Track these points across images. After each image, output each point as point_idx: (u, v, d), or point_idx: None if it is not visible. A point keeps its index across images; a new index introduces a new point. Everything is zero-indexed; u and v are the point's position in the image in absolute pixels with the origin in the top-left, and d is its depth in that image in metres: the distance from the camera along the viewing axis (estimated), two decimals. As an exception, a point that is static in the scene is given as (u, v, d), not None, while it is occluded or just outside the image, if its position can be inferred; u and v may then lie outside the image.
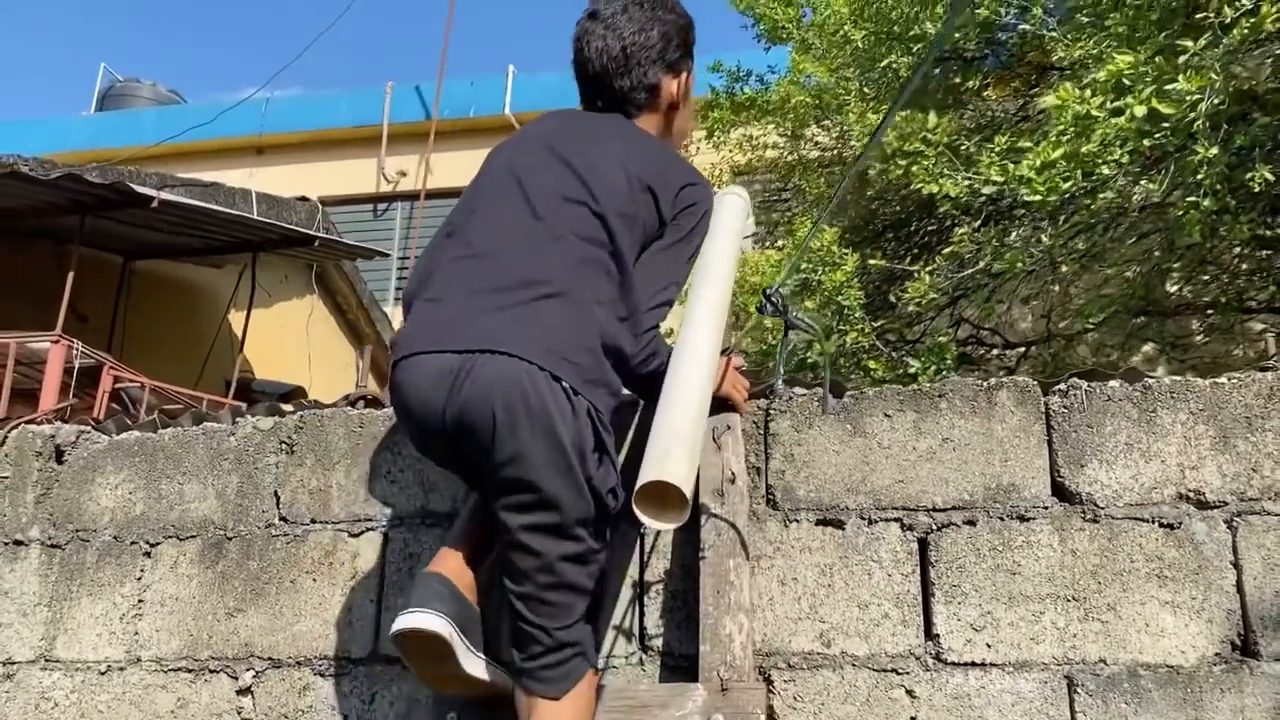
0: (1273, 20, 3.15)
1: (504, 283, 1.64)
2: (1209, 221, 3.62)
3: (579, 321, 1.64)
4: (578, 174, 1.76)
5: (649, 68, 1.89)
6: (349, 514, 2.29)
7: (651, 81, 1.90)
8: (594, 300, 1.66)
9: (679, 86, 1.95)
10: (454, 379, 1.58)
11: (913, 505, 2.01)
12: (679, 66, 1.95)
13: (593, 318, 1.65)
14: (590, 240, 1.70)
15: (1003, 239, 4.66)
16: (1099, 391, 1.99)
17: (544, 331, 1.60)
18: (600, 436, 1.62)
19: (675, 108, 1.97)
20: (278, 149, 11.94)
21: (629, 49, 1.87)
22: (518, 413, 1.55)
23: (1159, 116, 3.39)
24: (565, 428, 1.57)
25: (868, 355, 5.22)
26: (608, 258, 1.71)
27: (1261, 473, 1.88)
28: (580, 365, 1.61)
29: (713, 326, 1.95)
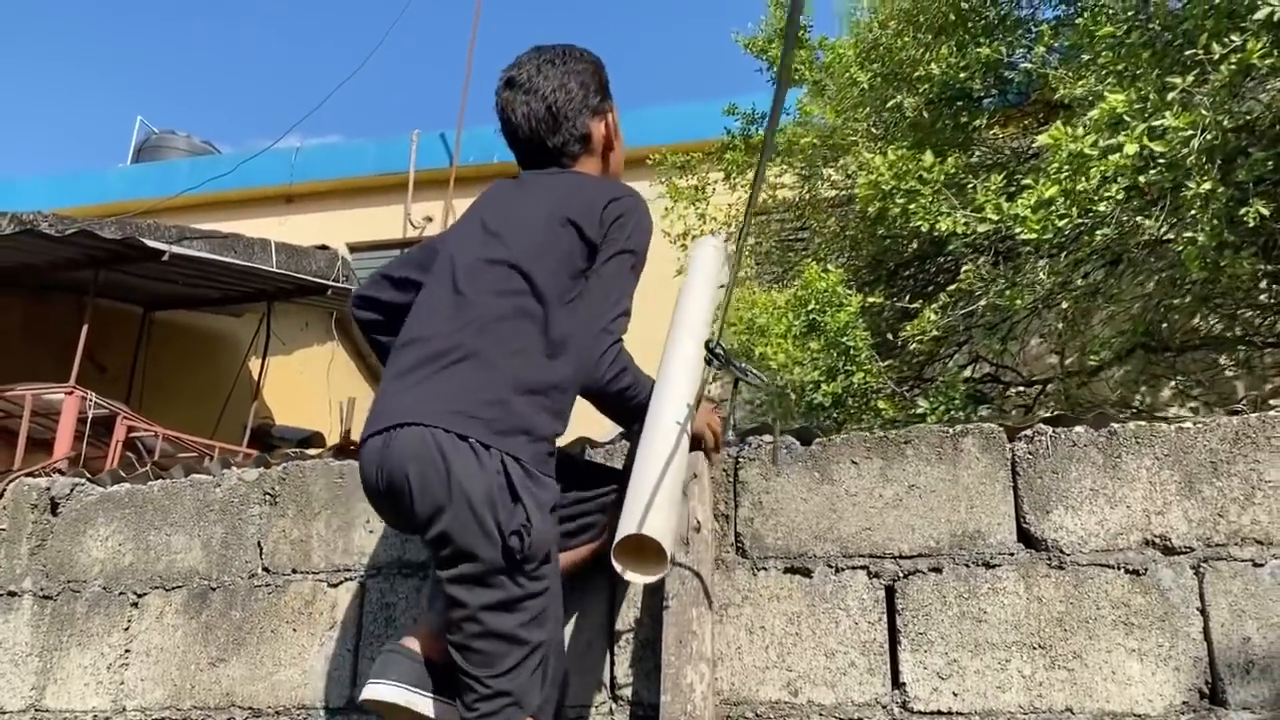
0: (1259, 55, 3.14)
1: (421, 360, 1.73)
2: (1209, 257, 3.58)
3: (487, 377, 1.69)
4: (496, 235, 1.84)
5: (576, 119, 1.96)
6: (329, 564, 2.32)
7: (582, 131, 1.97)
8: (507, 352, 1.71)
9: (607, 126, 2.02)
10: (379, 455, 1.68)
11: (879, 553, 2.01)
12: (602, 109, 2.01)
13: (503, 370, 1.70)
14: (506, 293, 1.76)
15: (1013, 277, 4.64)
16: (1064, 437, 1.99)
17: (450, 395, 1.67)
18: (513, 483, 1.64)
19: (610, 148, 2.04)
20: (306, 197, 12.13)
21: (554, 107, 1.94)
22: (427, 474, 1.62)
23: (1151, 154, 3.38)
24: (473, 482, 1.61)
25: (877, 395, 5.19)
26: (529, 301, 1.76)
27: (1228, 518, 1.86)
28: (487, 419, 1.65)
29: (689, 377, 1.98)
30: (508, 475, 1.64)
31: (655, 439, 1.85)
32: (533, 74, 1.96)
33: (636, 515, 1.70)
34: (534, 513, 1.64)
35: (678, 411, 1.90)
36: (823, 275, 4.89)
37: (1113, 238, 3.75)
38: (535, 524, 1.62)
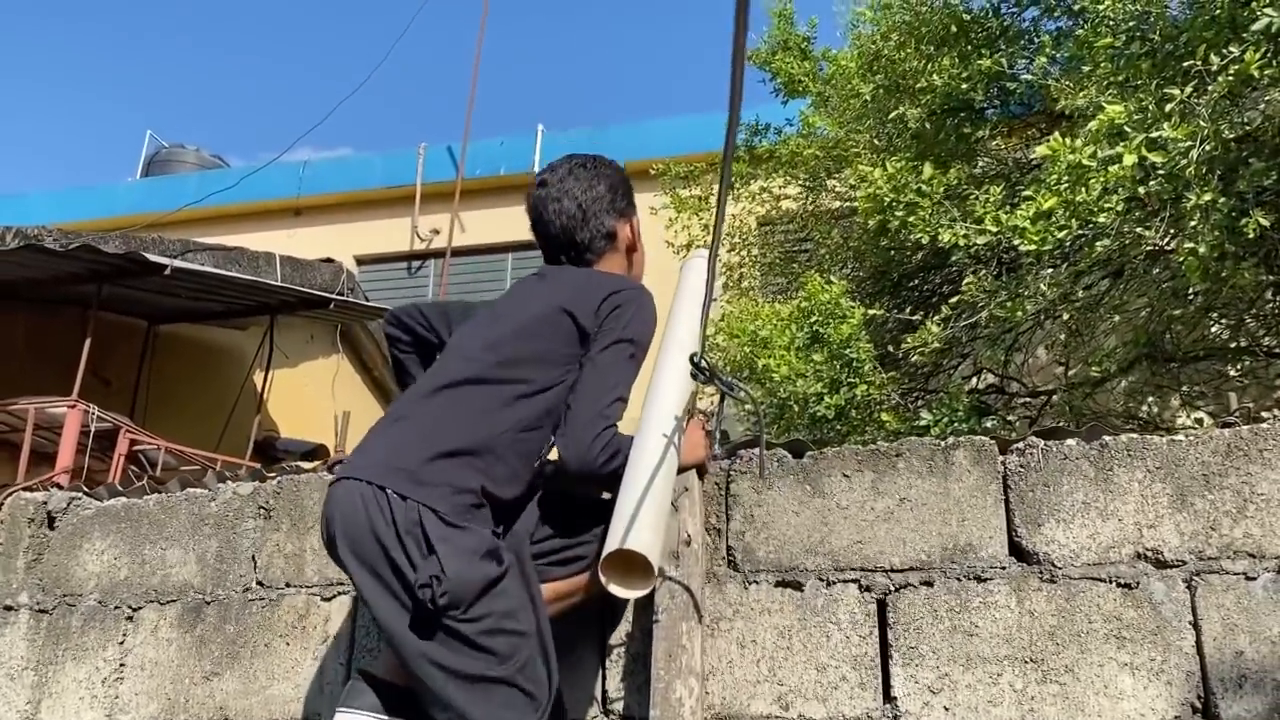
0: (1258, 66, 3.13)
1: (378, 428, 1.85)
2: (1211, 268, 3.57)
3: (417, 434, 1.77)
4: (498, 318, 1.96)
5: (604, 217, 2.09)
6: (322, 578, 2.32)
7: (609, 229, 2.10)
8: (453, 415, 1.79)
9: (631, 228, 2.16)
10: (326, 506, 1.78)
11: (871, 566, 2.00)
12: (627, 212, 2.16)
13: (440, 429, 1.77)
14: (480, 363, 1.86)
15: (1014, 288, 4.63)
16: (1055, 450, 1.98)
17: (383, 450, 1.76)
18: (427, 533, 1.66)
19: (633, 249, 2.16)
20: (315, 210, 12.20)
21: (583, 204, 2.08)
22: (349, 522, 1.71)
23: (1151, 165, 3.37)
24: (385, 530, 1.67)
25: (880, 407, 5.18)
26: (504, 372, 1.85)
27: (1220, 531, 1.85)
28: (410, 470, 1.71)
29: (678, 391, 1.98)
30: (422, 525, 1.66)
31: (643, 453, 1.85)
32: (564, 176, 2.11)
33: (622, 530, 1.70)
34: (449, 560, 1.63)
35: (665, 425, 1.90)
36: (826, 287, 4.89)
37: (1113, 249, 3.74)
38: (450, 572, 1.62)
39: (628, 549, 1.67)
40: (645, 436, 1.89)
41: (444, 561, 1.63)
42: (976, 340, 5.46)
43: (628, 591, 1.71)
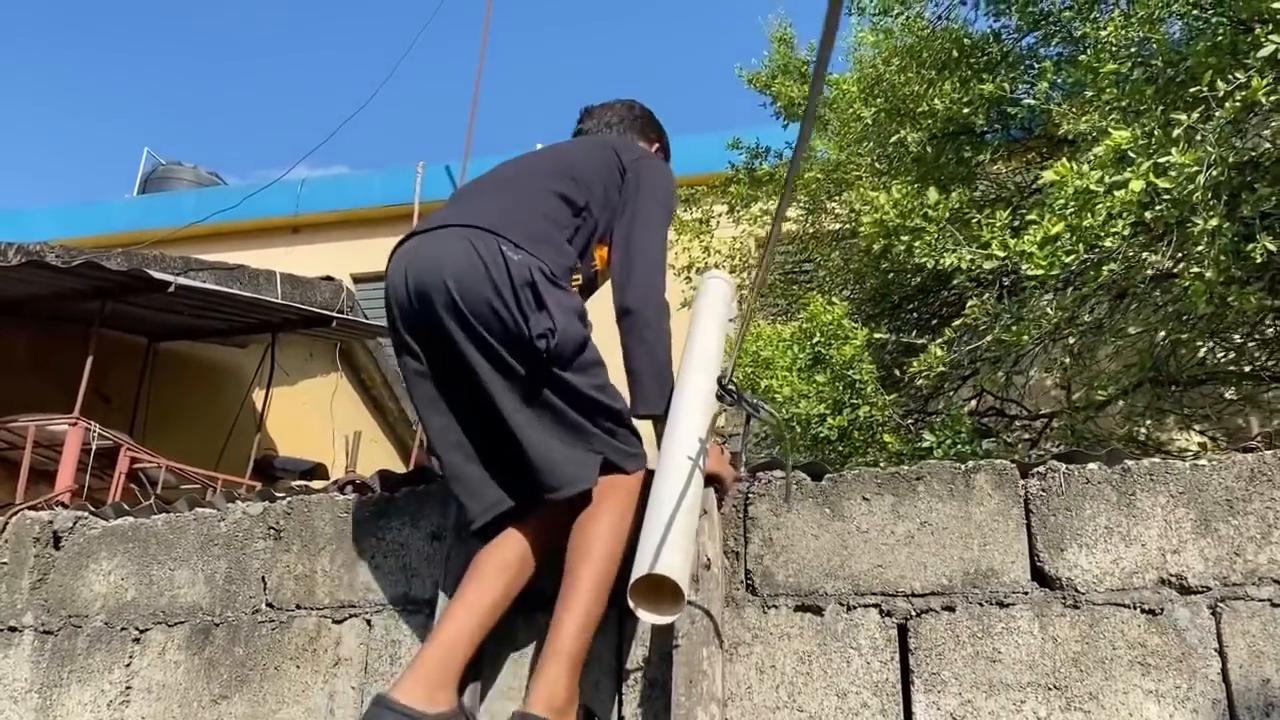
0: (1264, 92, 3.15)
1: (455, 199, 2.06)
2: (1216, 292, 3.58)
3: (523, 203, 1.97)
4: (541, 154, 2.20)
5: (634, 127, 2.42)
6: (333, 600, 2.29)
7: (636, 139, 2.39)
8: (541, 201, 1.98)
9: (658, 150, 2.44)
10: (408, 259, 1.94)
11: (891, 590, 1.98)
12: (654, 139, 2.46)
13: (537, 205, 1.97)
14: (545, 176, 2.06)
15: (1017, 311, 4.64)
16: (1077, 474, 1.97)
17: (484, 211, 1.92)
18: (538, 288, 1.82)
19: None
20: (313, 228, 12.19)
21: (621, 115, 2.43)
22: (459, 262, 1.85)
23: (1157, 190, 3.38)
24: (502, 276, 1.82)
25: (882, 429, 5.18)
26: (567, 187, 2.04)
27: (1245, 556, 1.84)
28: (522, 225, 1.90)
29: (701, 412, 1.97)
30: (533, 280, 1.80)
31: (668, 475, 1.85)
32: (607, 105, 2.44)
33: (651, 554, 1.69)
34: (558, 314, 1.79)
35: (690, 447, 1.89)
36: (828, 308, 4.90)
37: (1119, 273, 3.75)
38: (559, 325, 1.78)
39: (657, 573, 1.65)
40: (669, 458, 1.88)
41: (554, 315, 1.77)
42: (977, 363, 5.46)
43: (656, 616, 1.70)
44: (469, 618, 1.85)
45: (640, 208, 2.08)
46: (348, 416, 7.14)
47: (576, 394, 1.87)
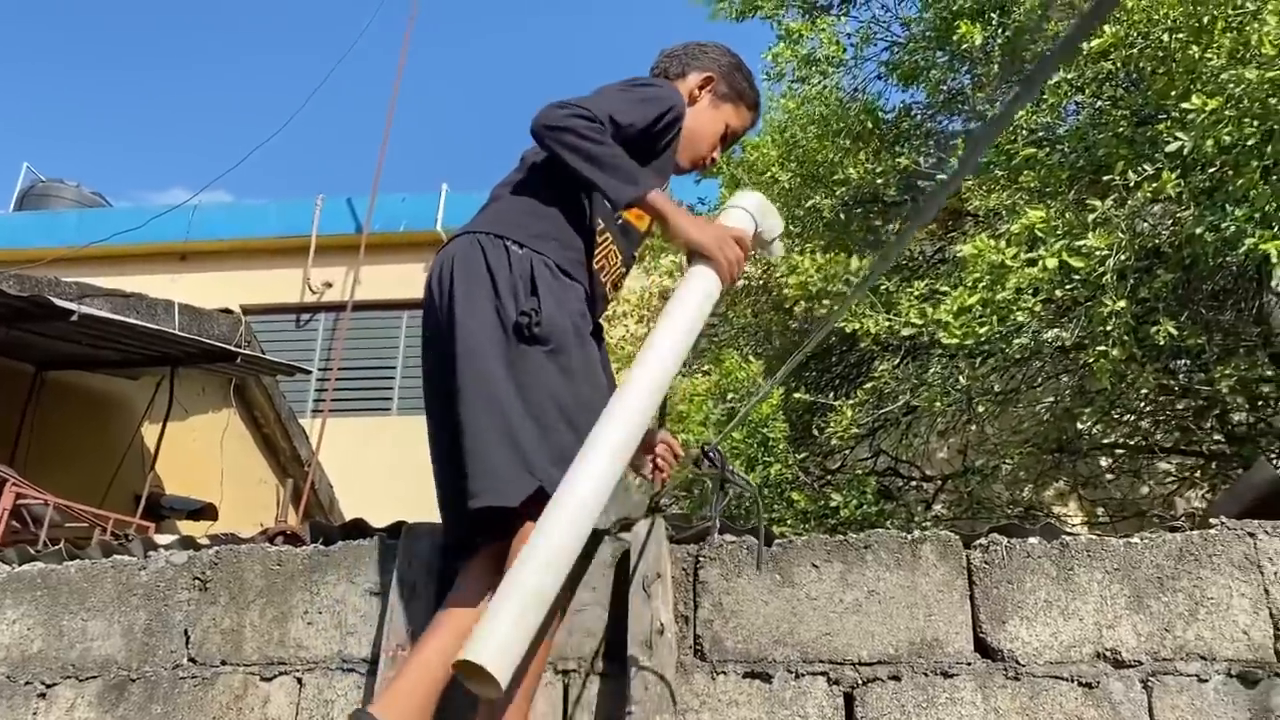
0: (1172, 185, 3.36)
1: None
2: (1117, 370, 3.77)
3: (518, 203, 2.01)
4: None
5: (688, 60, 2.27)
6: (262, 656, 2.20)
7: (683, 68, 2.26)
8: (522, 192, 2.02)
9: (702, 86, 2.24)
10: (435, 264, 2.02)
11: (839, 659, 2.01)
12: (710, 73, 2.26)
13: (524, 199, 2.01)
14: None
15: (921, 376, 4.80)
16: (1019, 548, 2.04)
17: (488, 216, 2.02)
18: (535, 279, 1.86)
19: (694, 101, 2.22)
20: (202, 256, 11.84)
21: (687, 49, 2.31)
22: (468, 261, 1.92)
23: (1070, 269, 3.56)
24: (501, 271, 1.87)
25: (791, 487, 5.26)
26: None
27: (1174, 633, 1.93)
28: (523, 225, 1.94)
29: (636, 418, 1.73)
30: (533, 272, 1.85)
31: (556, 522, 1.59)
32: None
33: (483, 635, 1.50)
34: (547, 302, 1.82)
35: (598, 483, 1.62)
36: (744, 365, 4.97)
37: (1029, 346, 3.92)
38: (545, 311, 1.81)
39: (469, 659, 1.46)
40: (569, 493, 1.61)
41: (543, 302, 1.82)
42: (881, 425, 5.61)
43: (481, 690, 1.53)
44: (421, 677, 1.77)
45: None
46: (239, 455, 6.90)
47: (538, 392, 1.80)
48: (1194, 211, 3.31)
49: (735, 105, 2.26)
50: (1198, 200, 3.42)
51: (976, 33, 4.60)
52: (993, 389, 4.46)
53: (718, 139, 2.26)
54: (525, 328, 1.79)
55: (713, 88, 2.23)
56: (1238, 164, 3.28)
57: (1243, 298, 3.99)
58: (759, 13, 5.85)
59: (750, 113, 2.31)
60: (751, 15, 5.87)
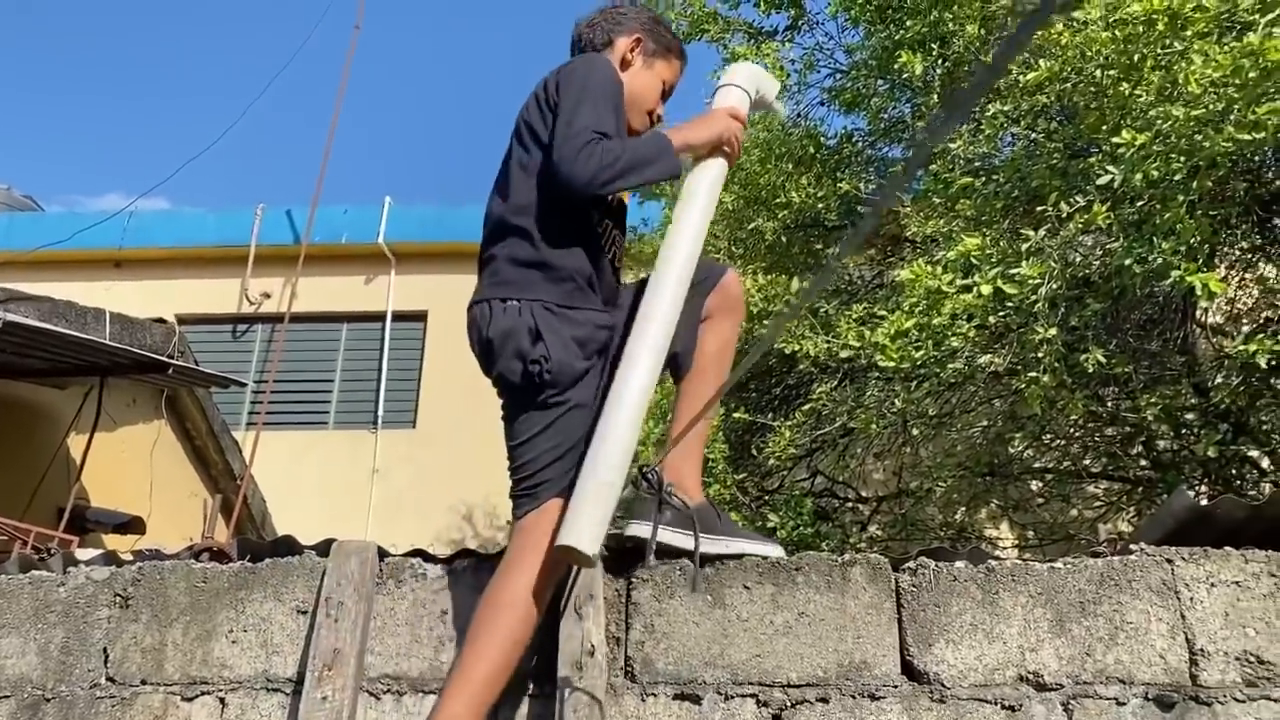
0: (1103, 217, 3.44)
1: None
2: (1048, 396, 3.85)
3: (504, 255, 2.06)
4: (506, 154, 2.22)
5: (610, 27, 2.31)
6: (184, 676, 2.15)
7: (607, 36, 2.30)
8: (509, 236, 2.06)
9: (632, 48, 2.28)
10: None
11: (769, 681, 2.02)
12: (635, 33, 2.30)
13: (509, 248, 2.05)
14: (498, 191, 2.15)
15: (858, 399, 4.85)
16: (946, 571, 2.07)
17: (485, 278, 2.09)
18: (537, 325, 1.95)
19: (626, 65, 2.27)
20: (137, 263, 11.59)
21: (605, 15, 2.34)
22: (481, 334, 2.04)
23: (1004, 296, 3.63)
24: (503, 331, 1.98)
25: (729, 507, 5.28)
26: (507, 185, 2.11)
27: (1094, 656, 1.97)
28: (513, 281, 2.02)
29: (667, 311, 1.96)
30: (535, 320, 1.94)
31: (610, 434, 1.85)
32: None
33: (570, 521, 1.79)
34: (553, 348, 1.91)
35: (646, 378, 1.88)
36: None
37: (962, 371, 3.99)
38: (554, 355, 1.91)
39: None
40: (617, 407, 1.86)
41: (551, 351, 1.91)
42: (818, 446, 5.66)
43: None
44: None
45: (560, 108, 2.03)
46: (169, 468, 6.75)
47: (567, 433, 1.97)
48: (1123, 243, 3.40)
49: (666, 59, 2.33)
50: (1127, 232, 3.51)
51: (917, 62, 4.69)
52: (927, 412, 4.52)
53: (658, 94, 2.33)
54: (537, 375, 1.92)
55: (641, 48, 2.30)
56: (1165, 198, 3.38)
57: (1168, 328, 4.10)
58: (705, 35, 5.90)
59: (679, 61, 2.36)
60: (698, 38, 5.92)
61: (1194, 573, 2.03)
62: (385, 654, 2.11)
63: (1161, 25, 3.25)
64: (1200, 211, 3.40)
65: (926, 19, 4.94)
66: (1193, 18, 3.20)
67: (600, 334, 2.01)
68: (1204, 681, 1.94)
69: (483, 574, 2.17)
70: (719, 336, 2.22)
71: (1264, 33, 2.95)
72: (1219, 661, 1.95)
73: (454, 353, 10.95)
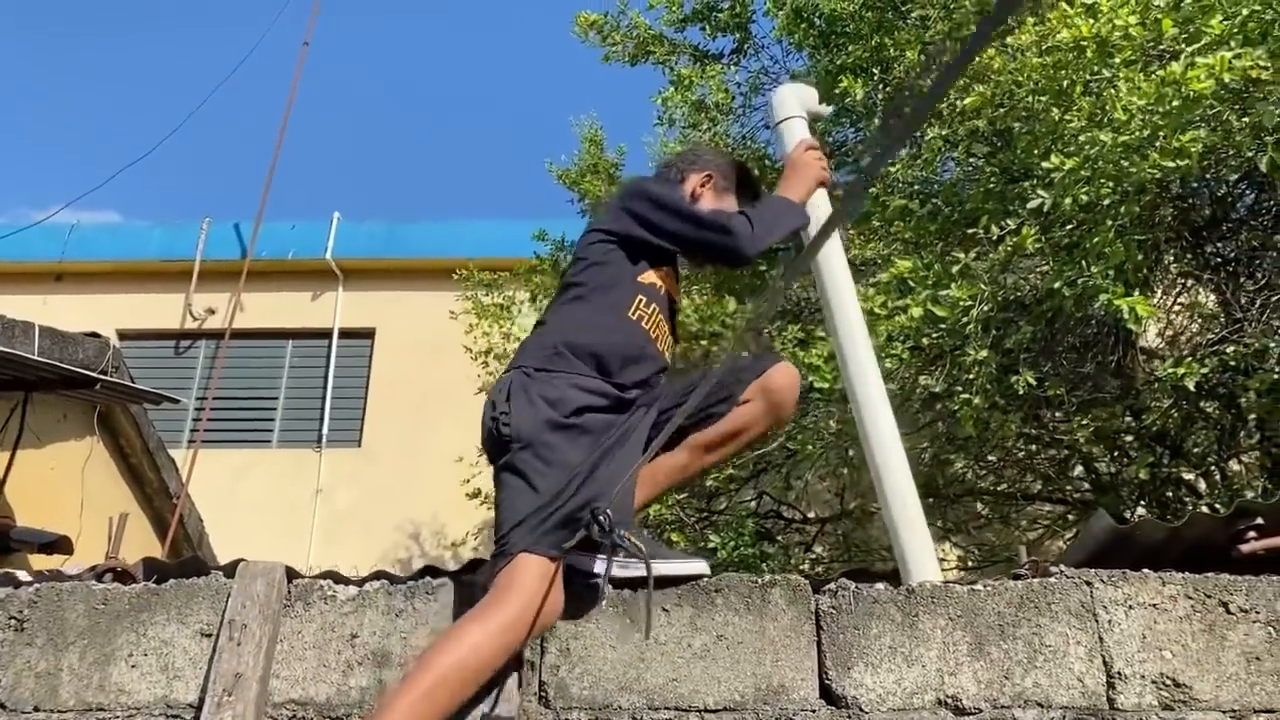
0: (1032, 240, 3.47)
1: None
2: (982, 417, 3.86)
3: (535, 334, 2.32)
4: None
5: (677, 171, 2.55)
6: (80, 702, 2.07)
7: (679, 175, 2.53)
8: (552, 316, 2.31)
9: (696, 186, 2.49)
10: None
11: (685, 705, 1.98)
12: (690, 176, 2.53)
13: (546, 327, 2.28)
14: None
15: (800, 420, 4.85)
16: (866, 593, 2.04)
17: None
18: (510, 389, 2.11)
19: (696, 198, 2.48)
20: (78, 277, 11.36)
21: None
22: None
23: (935, 318, 3.64)
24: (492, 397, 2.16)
25: (671, 528, 5.25)
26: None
27: (1013, 680, 1.95)
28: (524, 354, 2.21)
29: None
30: (510, 384, 2.10)
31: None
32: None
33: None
34: (515, 404, 2.04)
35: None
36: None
37: (896, 392, 3.99)
38: (513, 412, 2.04)
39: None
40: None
41: (513, 407, 2.04)
42: (761, 467, 5.65)
43: None
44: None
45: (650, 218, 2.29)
46: (102, 486, 6.57)
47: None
48: (1053, 266, 3.42)
49: (734, 193, 2.53)
50: (1058, 256, 3.54)
51: (858, 88, 4.71)
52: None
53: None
54: (495, 429, 2.07)
55: (712, 184, 2.48)
56: (1095, 222, 3.41)
57: (1102, 351, 4.14)
58: (651, 58, 5.91)
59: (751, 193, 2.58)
60: (644, 60, 5.93)
61: (1113, 595, 2.03)
62: (291, 679, 2.04)
63: (1090, 52, 3.28)
64: (1129, 236, 3.44)
65: (868, 44, 4.98)
66: (1120, 45, 3.24)
67: (579, 395, 2.09)
68: (1121, 705, 1.93)
69: (395, 597, 2.11)
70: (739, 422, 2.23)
71: (1186, 62, 2.99)
72: (1136, 684, 1.95)
73: (401, 371, 10.86)
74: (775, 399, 2.19)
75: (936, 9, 4.63)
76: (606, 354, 2.15)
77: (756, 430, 2.23)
